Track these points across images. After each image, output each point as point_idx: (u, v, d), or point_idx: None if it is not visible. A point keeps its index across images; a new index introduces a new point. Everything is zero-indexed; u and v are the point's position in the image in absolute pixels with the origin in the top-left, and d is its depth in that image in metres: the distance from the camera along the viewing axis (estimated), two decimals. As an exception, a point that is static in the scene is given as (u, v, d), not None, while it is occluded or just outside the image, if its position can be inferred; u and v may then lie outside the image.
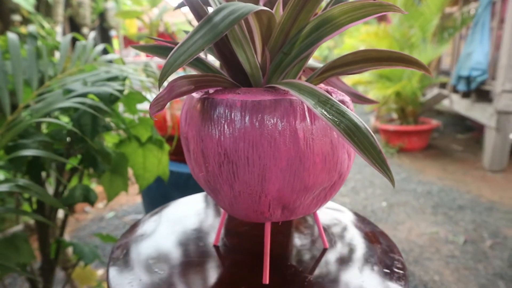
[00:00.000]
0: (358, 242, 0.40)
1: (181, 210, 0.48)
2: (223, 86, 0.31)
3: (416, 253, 1.39)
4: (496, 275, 1.26)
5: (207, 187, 0.31)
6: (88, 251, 0.72)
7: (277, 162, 0.27)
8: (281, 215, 0.31)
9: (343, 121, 0.24)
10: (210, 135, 0.28)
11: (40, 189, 0.43)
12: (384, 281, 0.33)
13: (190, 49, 0.27)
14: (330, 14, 0.29)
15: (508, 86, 1.98)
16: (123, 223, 1.67)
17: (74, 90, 0.51)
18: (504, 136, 2.06)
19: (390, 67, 0.33)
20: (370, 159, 0.23)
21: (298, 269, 0.35)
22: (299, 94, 0.26)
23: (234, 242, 0.39)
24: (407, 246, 1.43)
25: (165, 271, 0.34)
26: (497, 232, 1.52)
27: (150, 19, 1.15)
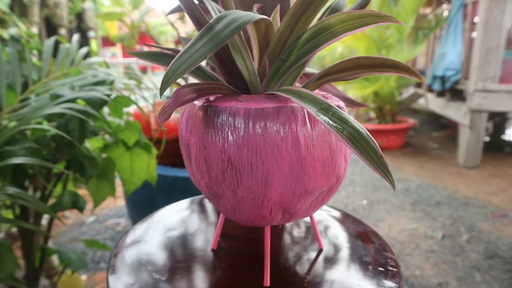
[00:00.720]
0: (351, 242, 0.41)
1: (173, 215, 0.48)
2: (224, 93, 0.31)
3: (397, 249, 1.43)
4: (473, 267, 1.31)
5: (208, 193, 0.32)
6: (75, 258, 0.71)
7: (280, 168, 0.28)
8: (281, 218, 0.32)
9: (346, 128, 0.25)
10: (214, 142, 0.28)
11: (31, 198, 0.43)
12: (379, 280, 0.35)
13: (192, 57, 0.27)
14: (328, 22, 0.30)
15: (480, 85, 2.06)
16: (105, 227, 1.64)
17: (62, 95, 0.51)
18: (477, 134, 2.14)
19: (382, 73, 0.34)
20: (373, 164, 0.24)
21: (296, 270, 0.36)
22: (301, 101, 0.27)
23: (231, 246, 0.40)
24: (389, 243, 1.47)
25: (166, 276, 0.34)
26: (472, 226, 1.58)
27: (131, 21, 1.14)
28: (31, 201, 0.43)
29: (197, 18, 0.31)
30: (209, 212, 0.49)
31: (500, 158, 2.43)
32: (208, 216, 0.47)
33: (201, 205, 0.51)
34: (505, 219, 1.64)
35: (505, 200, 1.82)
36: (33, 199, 0.43)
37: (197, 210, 0.49)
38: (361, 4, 0.34)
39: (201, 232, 0.43)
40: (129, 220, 1.70)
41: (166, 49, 0.35)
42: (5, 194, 0.41)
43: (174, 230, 0.43)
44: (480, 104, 2.08)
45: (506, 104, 2.05)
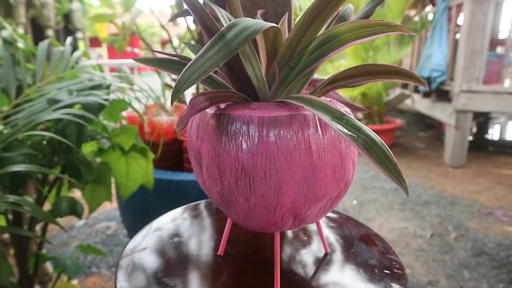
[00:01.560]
0: (356, 245, 0.42)
1: (173, 223, 0.48)
2: (234, 101, 0.32)
3: (388, 248, 1.45)
4: (461, 265, 1.34)
5: (219, 200, 0.32)
6: (71, 264, 0.70)
7: (293, 175, 0.28)
8: (291, 224, 0.32)
9: (361, 137, 0.25)
10: (227, 151, 0.28)
11: (33, 205, 0.42)
12: (386, 282, 0.35)
13: (204, 65, 0.27)
14: (337, 30, 0.31)
15: (465, 86, 2.10)
16: (95, 231, 1.62)
17: (61, 100, 0.50)
18: (463, 134, 2.19)
19: (387, 80, 0.35)
20: (387, 172, 0.25)
21: (304, 275, 0.36)
22: (314, 110, 0.27)
23: (238, 251, 0.40)
24: (379, 242, 1.49)
25: (177, 283, 0.34)
26: (460, 224, 1.62)
27: (122, 23, 1.13)
28: (33, 208, 0.42)
29: (207, 25, 0.31)
30: (208, 218, 0.49)
31: (484, 157, 2.49)
32: (208, 222, 0.47)
33: (198, 212, 0.51)
34: (491, 217, 1.68)
35: (490, 198, 1.87)
36: (34, 206, 0.42)
37: (195, 217, 0.49)
38: (367, 13, 0.34)
39: (204, 238, 0.43)
40: (120, 224, 1.68)
41: (173, 55, 0.35)
42: (5, 202, 0.40)
43: (177, 237, 0.43)
44: (465, 105, 2.12)
45: (489, 104, 2.10)
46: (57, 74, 0.66)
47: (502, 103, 2.08)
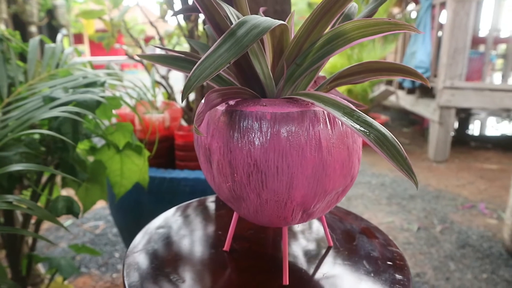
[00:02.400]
0: (357, 238, 0.43)
1: (171, 222, 0.48)
2: (243, 97, 0.32)
3: (376, 242, 1.47)
4: (447, 257, 1.37)
5: (229, 196, 0.32)
6: (65, 265, 0.69)
7: (304, 170, 0.29)
8: (300, 219, 0.33)
9: (372, 132, 0.26)
10: (240, 147, 0.29)
11: (34, 204, 0.41)
12: (390, 273, 0.36)
13: (216, 62, 0.27)
14: (343, 28, 0.32)
15: (448, 83, 2.15)
16: (83, 230, 1.59)
17: (57, 98, 0.49)
18: (446, 129, 2.24)
19: (390, 77, 0.36)
20: (398, 165, 0.25)
21: (311, 268, 0.37)
22: (325, 106, 0.28)
23: (243, 247, 0.40)
24: (368, 236, 1.51)
25: (186, 279, 0.34)
26: (445, 217, 1.66)
27: (111, 19, 1.11)
28: (34, 208, 0.41)
29: (216, 22, 0.31)
30: (210, 215, 0.49)
31: (467, 152, 2.56)
32: (210, 219, 0.48)
33: (200, 209, 0.51)
34: (474, 210, 1.73)
35: (473, 192, 1.92)
36: (35, 206, 0.42)
37: (197, 214, 0.49)
38: (371, 12, 0.35)
39: (209, 234, 0.43)
40: (108, 223, 1.66)
41: (180, 52, 0.35)
42: (6, 202, 0.39)
43: (181, 234, 0.43)
44: (448, 101, 2.17)
45: (471, 100, 2.16)
46: (49, 71, 0.65)
47: (483, 99, 2.14)
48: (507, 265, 1.30)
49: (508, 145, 2.74)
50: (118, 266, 1.35)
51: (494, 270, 1.27)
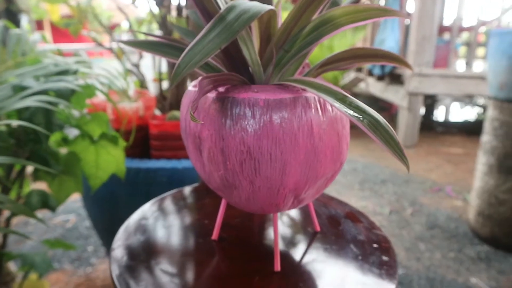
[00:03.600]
0: (343, 222, 0.44)
1: (153, 214, 0.47)
2: (233, 84, 0.31)
3: (351, 226, 1.52)
4: (417, 238, 1.43)
5: (221, 185, 0.32)
6: (40, 261, 0.66)
7: (297, 156, 0.29)
8: (290, 205, 0.33)
9: (366, 117, 0.26)
10: (232, 134, 0.28)
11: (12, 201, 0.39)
12: (376, 255, 0.37)
13: (206, 48, 0.27)
14: (332, 14, 0.31)
15: (417, 70, 2.22)
16: (53, 225, 1.54)
17: (29, 87, 0.46)
18: (414, 115, 2.31)
19: (374, 62, 0.36)
20: (391, 149, 0.26)
21: (301, 254, 0.37)
22: (318, 92, 0.28)
23: (231, 235, 0.40)
24: (342, 221, 1.55)
25: (174, 271, 0.34)
26: (415, 201, 1.73)
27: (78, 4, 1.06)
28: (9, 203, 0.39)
29: (205, 6, 0.30)
30: (194, 204, 0.48)
31: (434, 137, 2.66)
32: (195, 208, 0.47)
33: (182, 199, 0.51)
34: (441, 193, 1.80)
35: (440, 175, 2.00)
36: (13, 202, 0.40)
37: (181, 204, 0.49)
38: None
39: (195, 224, 0.43)
40: (79, 217, 1.61)
41: (163, 37, 0.34)
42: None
43: (167, 225, 0.43)
44: (416, 88, 2.24)
45: (438, 87, 2.23)
46: (15, 59, 0.61)
47: (449, 86, 2.22)
48: (472, 243, 1.38)
49: (471, 130, 2.87)
50: (91, 260, 1.32)
51: (461, 249, 1.34)
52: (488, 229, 1.34)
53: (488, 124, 1.30)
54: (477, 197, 1.38)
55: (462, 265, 1.26)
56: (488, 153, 1.31)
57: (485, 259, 1.28)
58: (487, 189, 1.32)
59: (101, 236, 1.13)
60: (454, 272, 1.22)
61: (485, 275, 1.20)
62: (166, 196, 0.50)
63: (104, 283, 1.22)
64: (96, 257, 1.35)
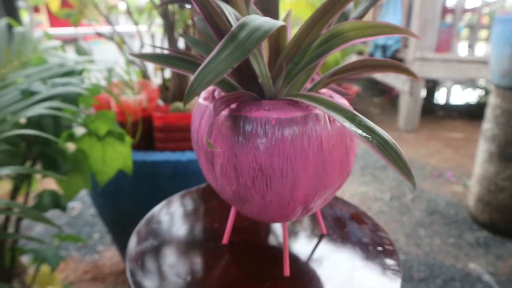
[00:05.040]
0: (348, 224, 0.45)
1: (171, 211, 0.48)
2: (244, 100, 0.32)
3: (352, 212, 1.54)
4: (418, 224, 1.46)
5: (233, 197, 0.33)
6: (51, 255, 0.68)
7: (307, 172, 0.30)
8: (299, 215, 0.34)
9: (375, 137, 0.27)
10: (245, 152, 0.29)
11: (23, 206, 0.40)
12: (381, 259, 0.39)
13: (219, 67, 0.27)
14: (341, 28, 0.32)
15: (419, 54, 2.20)
16: (58, 213, 1.56)
17: (38, 92, 0.47)
18: (415, 99, 2.31)
19: (382, 72, 0.37)
20: (400, 170, 0.27)
21: (308, 257, 0.39)
22: (327, 110, 0.28)
23: (241, 239, 0.42)
24: (343, 207, 1.58)
25: (188, 276, 0.35)
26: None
27: (78, -6, 1.04)
28: (23, 209, 0.40)
29: (216, 23, 0.31)
30: (203, 207, 0.49)
31: (435, 122, 2.66)
32: (205, 211, 0.48)
33: (192, 201, 0.52)
34: (441, 178, 1.82)
35: (440, 161, 2.02)
36: (24, 207, 0.41)
37: (191, 206, 0.50)
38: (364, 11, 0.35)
39: (206, 227, 0.44)
40: (84, 204, 1.63)
41: (175, 51, 0.34)
42: (-4, 205, 0.38)
43: (177, 228, 0.44)
44: (418, 72, 2.23)
45: (440, 71, 2.22)
46: (20, 58, 0.61)
47: (451, 70, 2.21)
48: (471, 229, 1.40)
49: (472, 114, 2.87)
50: (97, 248, 1.35)
51: (460, 235, 1.37)
52: (487, 215, 1.36)
53: (490, 112, 1.31)
54: (477, 183, 1.40)
55: (461, 250, 1.28)
56: (489, 141, 1.32)
57: (483, 244, 1.31)
58: (487, 176, 1.34)
59: (107, 225, 1.15)
60: (453, 258, 1.25)
61: (483, 260, 1.23)
62: (175, 198, 0.51)
63: (111, 270, 1.25)
64: (102, 245, 1.37)
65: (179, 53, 0.34)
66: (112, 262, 1.27)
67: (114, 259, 1.29)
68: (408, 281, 1.15)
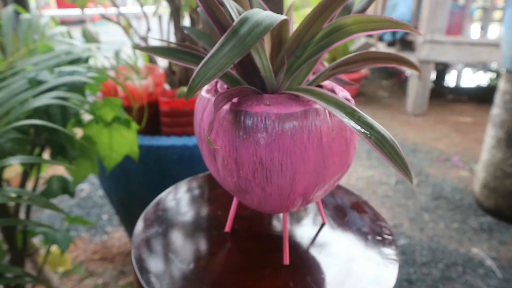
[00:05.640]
0: (349, 213, 0.46)
1: (175, 199, 0.49)
2: (245, 93, 0.32)
3: (357, 197, 1.55)
4: (422, 208, 1.46)
5: (234, 189, 0.34)
6: (61, 238, 0.70)
7: (306, 165, 0.31)
8: (299, 206, 0.35)
9: (373, 134, 0.27)
10: (245, 146, 0.30)
11: (32, 194, 0.42)
12: (379, 248, 0.40)
13: (220, 63, 0.28)
14: (344, 22, 0.32)
15: (429, 37, 2.16)
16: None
17: (44, 81, 0.48)
18: (424, 83, 2.28)
19: (385, 65, 0.37)
20: (397, 166, 0.27)
21: (308, 246, 0.40)
22: (327, 105, 0.29)
23: (243, 227, 0.43)
24: (349, 191, 1.59)
25: (191, 263, 0.37)
26: (421, 171, 1.74)
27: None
28: (33, 198, 0.42)
29: (217, 18, 0.31)
30: (207, 195, 0.51)
31: (444, 106, 2.63)
32: (208, 199, 0.49)
33: (195, 189, 0.53)
34: (448, 163, 1.82)
35: (448, 145, 2.00)
36: (33, 195, 0.42)
37: (194, 194, 0.51)
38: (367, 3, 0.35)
39: (209, 215, 0.45)
40: (92, 186, 1.67)
41: (179, 45, 0.35)
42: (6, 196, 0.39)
43: (181, 216, 0.45)
44: (427, 55, 2.19)
45: (450, 54, 2.18)
46: (28, 45, 0.62)
47: (462, 53, 2.16)
48: (475, 214, 1.41)
49: (482, 98, 2.82)
50: (106, 229, 1.38)
51: (464, 220, 1.37)
52: (493, 201, 1.36)
53: (499, 97, 1.29)
54: (484, 169, 1.39)
55: (464, 235, 1.29)
56: (497, 126, 1.30)
57: (487, 230, 1.32)
58: (494, 162, 1.33)
59: (114, 207, 1.17)
60: (456, 243, 1.26)
61: (486, 245, 1.24)
62: (181, 184, 0.52)
63: (119, 251, 1.29)
64: (111, 226, 1.41)
65: (183, 46, 0.35)
66: (121, 242, 1.31)
67: (122, 239, 1.32)
68: (411, 265, 1.16)
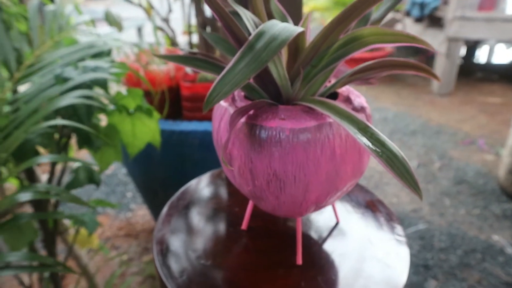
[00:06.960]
0: (363, 212, 0.47)
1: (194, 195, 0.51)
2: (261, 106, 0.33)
3: (376, 179, 1.55)
4: (443, 193, 1.45)
5: (250, 195, 0.35)
6: (89, 221, 0.74)
7: (319, 177, 0.31)
8: (312, 211, 0.36)
9: (385, 152, 0.28)
10: (260, 158, 0.31)
11: (60, 190, 0.44)
12: (392, 248, 0.41)
13: (235, 79, 0.28)
14: (361, 33, 0.31)
15: (459, 12, 2.06)
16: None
17: (70, 78, 0.50)
18: (452, 62, 2.20)
19: (402, 72, 0.37)
20: (407, 184, 0.28)
21: (321, 246, 0.41)
22: (340, 120, 0.29)
23: (259, 225, 0.44)
24: (368, 173, 1.59)
25: (209, 260, 0.39)
26: (444, 154, 1.71)
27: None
28: (60, 193, 0.44)
29: (234, 32, 0.31)
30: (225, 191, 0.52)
31: (471, 85, 2.54)
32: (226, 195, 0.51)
33: (213, 184, 0.54)
34: (473, 146, 1.77)
35: (474, 127, 1.95)
36: (60, 190, 0.45)
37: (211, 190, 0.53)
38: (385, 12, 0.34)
39: (226, 212, 0.47)
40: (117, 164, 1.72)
41: (200, 54, 0.35)
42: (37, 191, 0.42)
43: (199, 212, 0.47)
44: (457, 32, 2.10)
45: (481, 31, 2.08)
46: (53, 37, 0.64)
47: (494, 30, 2.06)
48: (498, 200, 1.38)
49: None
50: (130, 206, 1.44)
51: (486, 206, 1.36)
52: (517, 188, 1.34)
53: (530, 81, 1.24)
54: (510, 154, 1.36)
55: (485, 222, 1.28)
56: (526, 112, 1.26)
57: (510, 216, 1.30)
58: (521, 148, 1.29)
59: (138, 187, 1.22)
60: (476, 229, 1.25)
61: (508, 232, 1.23)
62: (204, 178, 0.54)
63: (143, 228, 1.34)
64: (135, 203, 1.46)
65: (202, 55, 0.35)
66: (144, 220, 1.36)
67: (145, 217, 1.38)
68: (429, 250, 1.17)
